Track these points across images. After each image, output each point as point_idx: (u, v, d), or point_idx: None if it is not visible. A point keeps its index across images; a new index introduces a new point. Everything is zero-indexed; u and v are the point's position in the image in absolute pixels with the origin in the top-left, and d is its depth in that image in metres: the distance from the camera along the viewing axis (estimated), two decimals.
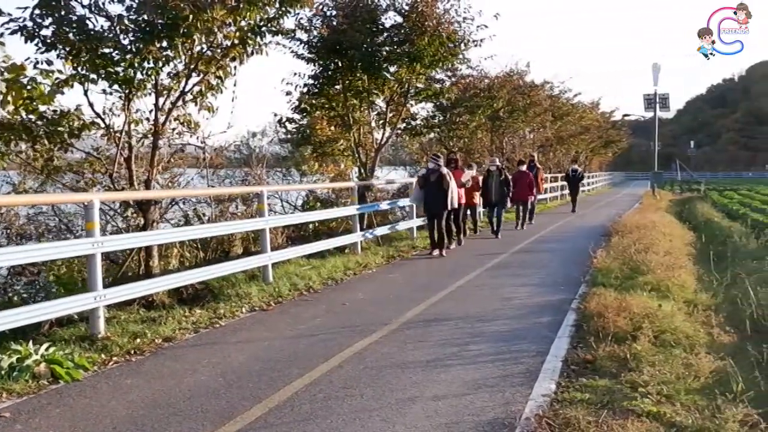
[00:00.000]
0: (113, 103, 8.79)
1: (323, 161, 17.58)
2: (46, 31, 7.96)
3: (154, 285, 7.90)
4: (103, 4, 8.24)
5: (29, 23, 7.87)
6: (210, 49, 8.90)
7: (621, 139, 59.26)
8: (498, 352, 6.36)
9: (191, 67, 8.89)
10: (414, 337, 6.92)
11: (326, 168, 18.07)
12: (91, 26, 8.15)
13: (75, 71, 8.15)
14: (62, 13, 7.93)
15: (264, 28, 9.26)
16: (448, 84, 19.03)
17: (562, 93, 33.98)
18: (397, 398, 5.10)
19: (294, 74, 14.95)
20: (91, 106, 8.53)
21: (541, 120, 30.24)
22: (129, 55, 8.23)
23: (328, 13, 14.45)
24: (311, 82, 15.01)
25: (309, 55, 14.61)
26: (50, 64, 8.01)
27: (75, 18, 8.05)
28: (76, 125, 8.37)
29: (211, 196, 12.69)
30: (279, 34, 9.78)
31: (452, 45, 14.88)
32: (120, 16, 8.21)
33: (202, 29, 8.28)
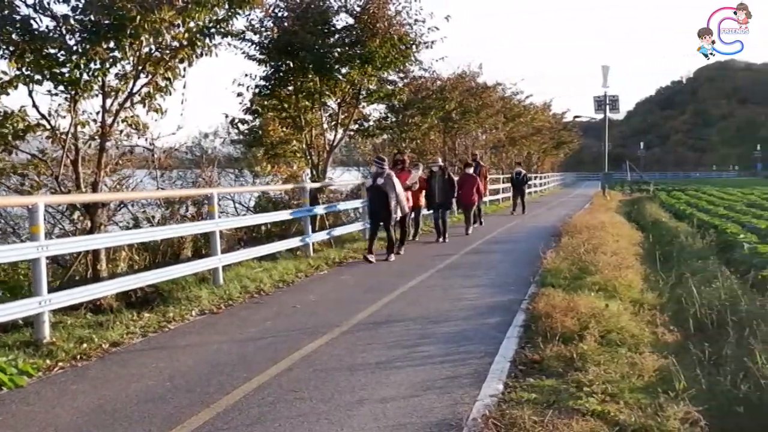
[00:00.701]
0: (59, 104, 8.60)
1: (276, 162, 17.49)
2: None
3: (102, 289, 7.82)
4: (48, 3, 8.07)
5: None
6: (158, 50, 8.80)
7: (572, 140, 60.40)
8: (447, 353, 6.45)
9: (139, 69, 8.78)
10: (364, 339, 6.98)
11: (279, 169, 17.98)
12: (35, 26, 7.99)
13: (19, 72, 7.96)
14: (5, 12, 7.74)
15: (213, 29, 9.18)
16: (400, 85, 19.12)
17: (514, 95, 34.53)
18: (345, 401, 5.16)
19: (245, 75, 14.97)
20: (36, 107, 8.34)
21: (493, 121, 30.53)
22: (75, 56, 8.09)
23: (279, 15, 14.44)
24: (263, 83, 15.02)
25: (260, 57, 14.59)
26: None
27: (19, 18, 7.86)
28: (21, 127, 8.17)
29: (160, 199, 12.54)
30: (229, 36, 9.68)
31: (404, 47, 15.01)
32: (66, 16, 8.07)
33: (150, 30, 8.18)
